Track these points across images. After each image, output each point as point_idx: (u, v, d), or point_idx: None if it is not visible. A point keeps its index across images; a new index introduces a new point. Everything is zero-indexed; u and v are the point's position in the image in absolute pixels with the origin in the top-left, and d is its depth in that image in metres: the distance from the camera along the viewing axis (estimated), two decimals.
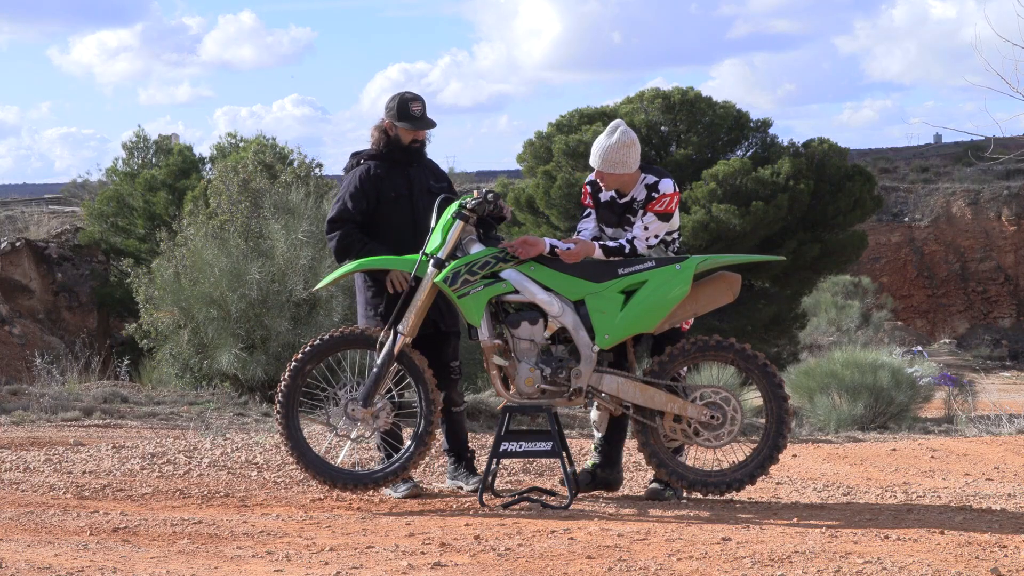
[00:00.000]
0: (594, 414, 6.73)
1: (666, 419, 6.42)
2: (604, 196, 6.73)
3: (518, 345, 6.42)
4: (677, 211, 6.66)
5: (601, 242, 6.52)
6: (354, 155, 6.98)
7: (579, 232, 6.75)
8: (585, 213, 6.82)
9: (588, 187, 6.79)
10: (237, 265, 15.64)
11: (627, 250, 6.49)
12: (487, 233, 6.57)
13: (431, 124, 6.84)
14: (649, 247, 6.55)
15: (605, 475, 6.79)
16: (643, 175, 6.63)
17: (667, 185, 6.57)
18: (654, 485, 6.69)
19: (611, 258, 6.46)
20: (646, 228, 6.54)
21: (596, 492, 6.80)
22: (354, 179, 6.85)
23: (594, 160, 6.60)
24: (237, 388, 15.97)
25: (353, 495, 6.59)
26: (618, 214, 6.66)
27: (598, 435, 6.81)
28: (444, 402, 6.87)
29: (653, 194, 6.55)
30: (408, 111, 6.77)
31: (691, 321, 6.72)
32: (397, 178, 6.85)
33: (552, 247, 6.43)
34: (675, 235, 6.74)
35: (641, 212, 6.56)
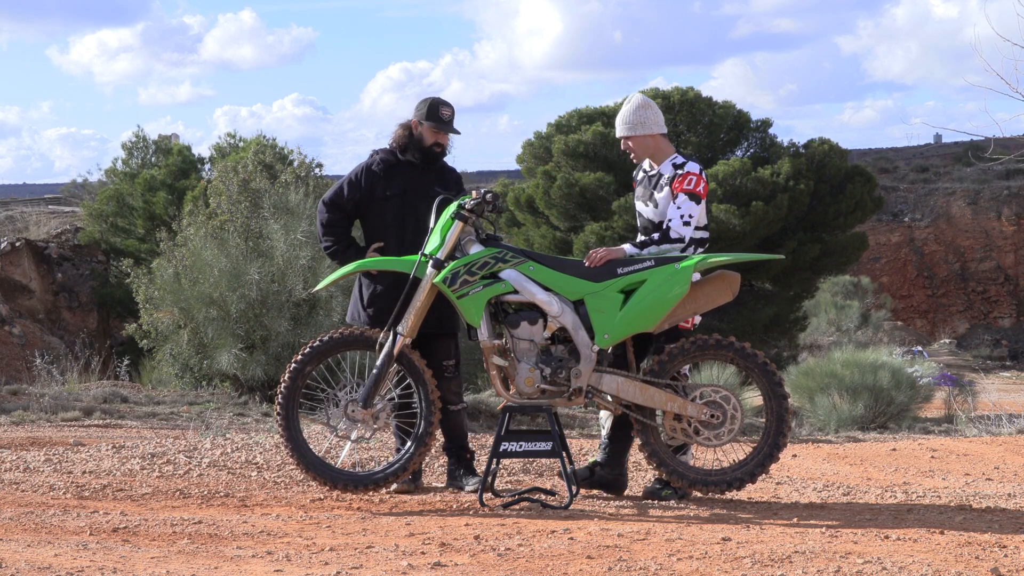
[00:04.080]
0: (603, 412, 6.74)
1: (666, 418, 6.42)
2: (639, 176, 6.84)
3: (518, 345, 6.43)
4: (705, 203, 6.67)
5: (629, 242, 6.57)
6: (373, 151, 7.07)
7: None
8: None
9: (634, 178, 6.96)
10: (237, 265, 15.65)
11: (657, 237, 6.51)
12: (486, 234, 6.57)
13: (456, 131, 6.94)
14: (685, 223, 6.50)
15: (604, 473, 6.78)
16: (675, 154, 6.71)
17: (693, 166, 6.63)
18: (653, 484, 6.70)
19: (644, 251, 6.50)
20: (679, 208, 6.54)
21: (596, 492, 6.79)
22: (357, 169, 6.99)
23: (617, 130, 6.73)
24: (237, 388, 15.98)
25: (353, 495, 6.59)
26: (648, 188, 6.73)
27: (604, 433, 6.82)
28: (439, 401, 6.89)
29: (679, 171, 6.61)
30: (437, 113, 6.89)
31: (696, 319, 6.70)
32: (395, 179, 6.90)
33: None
34: (705, 234, 6.70)
35: (669, 191, 6.58)
